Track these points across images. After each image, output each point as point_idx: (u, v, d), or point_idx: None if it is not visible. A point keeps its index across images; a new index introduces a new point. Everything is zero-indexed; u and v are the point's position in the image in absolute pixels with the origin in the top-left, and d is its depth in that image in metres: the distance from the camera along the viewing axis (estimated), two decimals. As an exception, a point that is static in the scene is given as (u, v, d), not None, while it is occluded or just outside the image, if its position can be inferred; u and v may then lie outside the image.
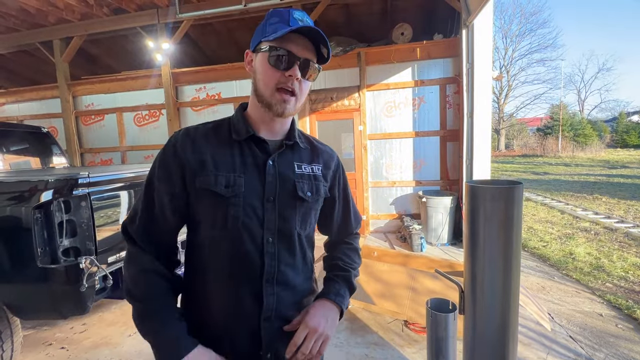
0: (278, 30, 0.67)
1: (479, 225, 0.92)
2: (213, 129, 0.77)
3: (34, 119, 6.23)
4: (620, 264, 3.67)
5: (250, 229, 0.70)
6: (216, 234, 0.71)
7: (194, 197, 0.72)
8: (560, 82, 31.26)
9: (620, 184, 9.45)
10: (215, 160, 0.72)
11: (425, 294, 2.37)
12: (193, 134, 0.74)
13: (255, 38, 0.74)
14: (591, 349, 2.20)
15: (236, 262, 0.70)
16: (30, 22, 5.29)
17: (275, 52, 0.68)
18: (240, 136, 0.74)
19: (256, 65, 0.72)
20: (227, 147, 0.74)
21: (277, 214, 0.73)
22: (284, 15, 0.70)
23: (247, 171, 0.72)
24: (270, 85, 0.70)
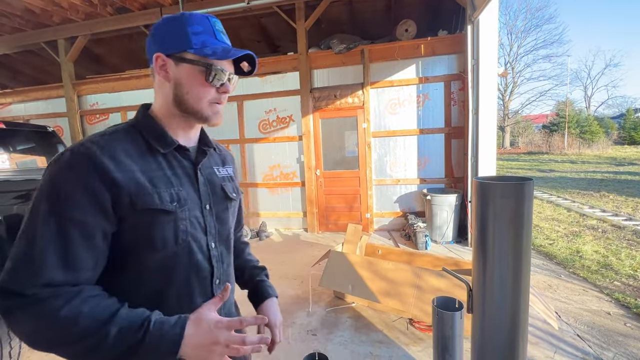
0: (207, 43, 0.69)
1: (488, 222, 0.91)
2: (126, 141, 0.67)
3: (39, 118, 6.28)
4: (628, 262, 3.62)
5: (197, 239, 0.71)
6: (168, 252, 0.67)
7: (133, 222, 0.63)
8: (566, 78, 30.89)
9: (628, 181, 9.32)
10: (148, 177, 0.66)
11: (430, 292, 2.36)
12: (108, 149, 0.63)
13: (168, 41, 0.69)
14: (599, 348, 2.18)
15: (190, 274, 0.71)
16: (35, 22, 5.32)
17: (212, 70, 0.69)
18: (165, 148, 0.70)
19: (181, 76, 0.69)
20: (152, 161, 0.68)
21: (215, 218, 0.76)
22: (206, 24, 0.70)
23: (182, 183, 0.71)
24: (205, 100, 0.71)
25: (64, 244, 0.58)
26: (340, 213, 5.23)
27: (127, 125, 0.71)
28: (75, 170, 0.59)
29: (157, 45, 0.70)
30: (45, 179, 0.60)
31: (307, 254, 4.25)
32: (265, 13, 5.35)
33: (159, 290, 0.68)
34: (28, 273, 0.56)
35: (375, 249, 3.37)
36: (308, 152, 5.08)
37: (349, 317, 2.66)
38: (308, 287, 3.19)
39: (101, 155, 0.61)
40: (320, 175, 5.20)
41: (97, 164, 0.60)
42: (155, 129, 0.71)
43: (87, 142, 0.62)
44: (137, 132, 0.70)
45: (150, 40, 0.72)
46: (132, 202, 0.62)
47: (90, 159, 0.60)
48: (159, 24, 0.71)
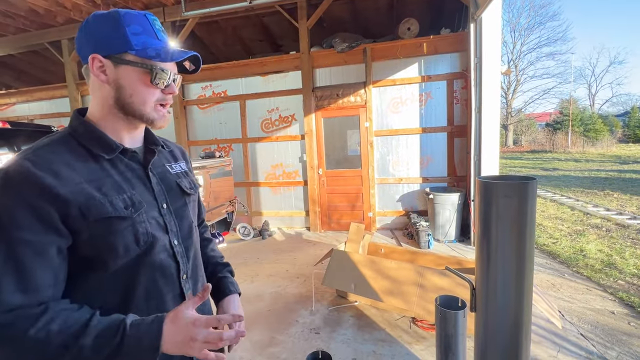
0: (149, 44, 0.66)
1: (491, 222, 0.91)
2: (64, 151, 0.64)
3: (43, 118, 6.33)
4: (633, 261, 3.61)
5: (158, 239, 0.71)
6: (131, 256, 0.66)
7: (89, 233, 0.62)
8: (570, 76, 30.66)
9: (633, 179, 9.25)
10: (96, 186, 0.64)
11: (433, 291, 2.36)
12: (43, 163, 0.60)
13: (105, 42, 0.66)
14: (603, 347, 2.17)
15: (155, 273, 0.71)
16: (39, 22, 5.35)
17: (156, 71, 0.67)
18: (110, 153, 0.68)
19: (122, 78, 0.66)
20: (97, 168, 0.66)
21: (174, 216, 0.76)
22: (145, 24, 0.67)
23: (133, 186, 0.70)
24: (150, 102, 0.69)
25: (18, 267, 0.56)
26: (342, 212, 5.23)
27: (62, 135, 0.67)
28: (13, 191, 0.57)
29: (92, 45, 0.66)
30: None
31: (309, 252, 4.26)
32: (268, 12, 5.36)
33: (126, 293, 0.67)
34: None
35: (378, 248, 3.37)
36: (310, 151, 5.09)
37: (351, 316, 2.67)
38: (311, 285, 3.20)
39: (37, 171, 0.58)
40: (322, 174, 5.21)
41: (33, 181, 0.57)
42: (95, 135, 0.68)
43: (19, 160, 0.59)
44: (75, 140, 0.67)
45: (82, 38, 0.68)
46: (83, 214, 0.61)
47: (26, 177, 0.57)
48: (91, 22, 0.67)
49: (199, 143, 5.67)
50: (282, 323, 2.61)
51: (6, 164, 0.59)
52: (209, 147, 5.50)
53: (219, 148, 5.53)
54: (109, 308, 0.64)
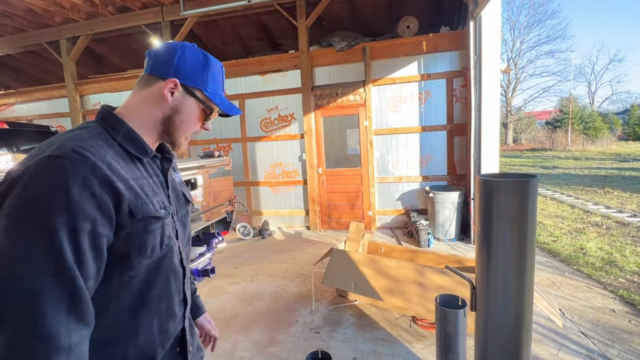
0: (217, 92, 0.78)
1: (492, 220, 0.90)
2: (108, 146, 0.65)
3: (42, 118, 6.31)
4: (633, 258, 3.60)
5: (175, 244, 0.75)
6: (154, 257, 0.68)
7: (128, 230, 0.62)
8: (569, 74, 30.63)
9: (633, 177, 9.25)
10: (139, 185, 0.66)
11: (433, 289, 2.35)
12: (99, 155, 0.60)
13: (189, 73, 0.73)
14: (604, 345, 2.17)
15: (169, 276, 0.74)
16: (37, 22, 5.34)
17: (212, 115, 0.78)
18: (145, 156, 0.72)
19: (183, 106, 0.74)
20: (134, 168, 0.69)
21: (181, 223, 0.81)
22: (220, 76, 0.79)
23: (159, 190, 0.74)
24: (189, 132, 0.78)
25: (81, 258, 0.55)
26: (342, 211, 5.22)
27: (98, 130, 0.67)
28: (80, 179, 0.55)
29: (179, 70, 0.73)
30: (36, 190, 0.53)
31: (309, 252, 4.25)
32: (266, 11, 5.34)
33: (143, 293, 0.68)
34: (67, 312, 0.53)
35: (378, 247, 3.36)
36: (310, 151, 5.08)
37: (351, 315, 2.67)
38: (311, 285, 3.19)
39: (98, 162, 0.58)
40: (322, 174, 5.20)
41: (97, 172, 0.57)
42: (133, 136, 0.71)
43: (77, 148, 0.57)
44: (111, 137, 0.68)
45: (172, 58, 0.73)
46: (131, 211, 0.62)
47: (92, 167, 0.57)
48: (188, 51, 0.74)
49: (198, 143, 5.66)
50: (282, 322, 2.61)
51: (57, 150, 0.56)
52: (208, 147, 5.49)
53: (218, 148, 5.52)
54: (124, 308, 0.65)
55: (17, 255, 0.52)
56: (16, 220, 0.53)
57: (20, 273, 0.51)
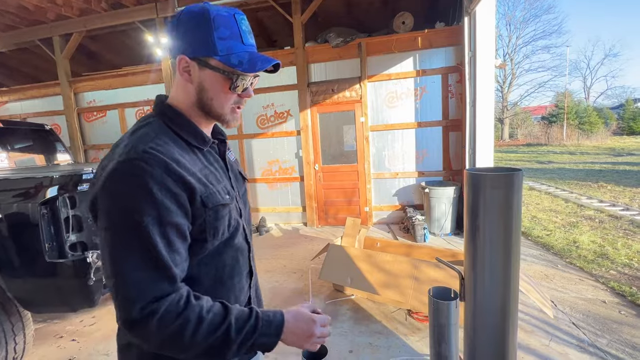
0: (233, 49, 0.67)
1: (479, 212, 0.92)
2: (172, 142, 0.68)
3: (36, 116, 6.27)
4: (624, 251, 3.66)
5: (239, 224, 0.77)
6: (221, 242, 0.72)
7: (202, 219, 0.67)
8: (565, 69, 30.74)
9: (626, 171, 9.35)
10: (204, 175, 0.69)
11: (428, 283, 2.39)
12: (167, 153, 0.64)
13: (192, 44, 0.67)
14: (594, 335, 2.22)
15: (237, 254, 0.77)
16: (29, 19, 5.28)
17: (236, 79, 0.69)
18: (204, 145, 0.74)
19: (205, 81, 0.69)
20: (197, 159, 0.71)
21: (243, 202, 0.83)
22: (233, 27, 0.67)
23: (222, 176, 0.76)
24: (227, 106, 0.72)
25: (170, 247, 0.61)
26: (339, 207, 5.25)
27: (159, 125, 0.69)
28: (158, 179, 0.60)
29: (181, 45, 0.68)
30: (124, 191, 0.59)
31: (306, 247, 4.28)
32: (262, 7, 5.31)
33: (217, 273, 0.74)
34: (161, 280, 0.60)
35: (374, 242, 3.40)
36: (306, 147, 5.09)
37: (348, 309, 2.70)
38: (308, 280, 3.22)
39: (169, 160, 0.62)
40: (318, 170, 5.22)
41: (170, 169, 0.62)
42: (191, 128, 0.72)
43: (148, 149, 0.62)
44: (172, 130, 0.70)
45: (173, 36, 0.70)
46: (203, 201, 0.66)
47: (165, 166, 0.61)
48: (182, 20, 0.67)
49: (195, 140, 5.65)
50: (279, 317, 2.63)
51: (131, 153, 0.61)
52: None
53: (215, 145, 5.51)
54: (204, 287, 0.70)
55: (121, 255, 0.59)
56: (112, 225, 0.60)
57: (129, 268, 0.59)
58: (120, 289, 0.59)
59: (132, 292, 0.58)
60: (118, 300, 0.59)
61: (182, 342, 0.60)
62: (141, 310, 0.58)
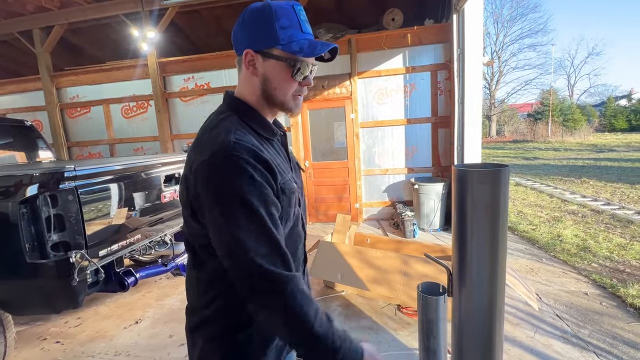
0: (294, 37, 0.70)
1: (466, 208, 0.93)
2: (247, 133, 0.72)
3: (17, 112, 6.05)
4: (605, 244, 3.78)
5: (299, 212, 0.82)
6: (288, 228, 0.76)
7: (282, 203, 0.72)
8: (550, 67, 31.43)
9: (607, 167, 9.65)
10: (276, 163, 0.73)
11: (417, 278, 2.42)
12: (250, 142, 0.69)
13: (257, 37, 0.71)
14: (576, 326, 2.29)
15: (297, 240, 0.82)
16: (7, 10, 5.07)
17: (298, 66, 0.72)
18: (273, 136, 0.78)
19: (268, 72, 0.73)
20: (268, 149, 0.75)
21: (301, 192, 0.86)
22: (292, 17, 0.71)
23: (287, 166, 0.80)
24: (290, 93, 0.76)
25: (275, 224, 0.66)
26: (329, 204, 5.26)
27: (234, 119, 0.73)
28: (250, 164, 0.64)
29: (247, 40, 0.72)
30: (227, 177, 0.63)
31: (297, 245, 4.27)
32: (251, 1, 5.23)
33: None
34: (279, 254, 0.65)
35: (364, 238, 3.41)
36: (296, 144, 5.07)
37: (338, 305, 2.71)
38: (298, 277, 3.22)
39: (256, 149, 0.67)
40: (309, 167, 5.20)
41: (258, 156, 0.66)
42: (261, 119, 0.76)
43: (236, 140, 0.66)
44: (245, 123, 0.73)
45: (238, 33, 0.74)
46: (282, 188, 0.71)
47: (254, 154, 0.66)
48: (247, 18, 0.72)
49: (183, 137, 5.56)
50: (270, 315, 2.63)
51: (223, 144, 0.65)
52: (192, 141, 5.40)
53: (204, 141, 5.43)
54: None
55: (238, 229, 0.63)
56: (226, 210, 0.63)
57: (248, 247, 0.62)
58: (249, 263, 0.62)
59: (263, 268, 0.62)
60: (248, 272, 0.63)
61: (307, 321, 0.63)
62: (276, 272, 0.62)
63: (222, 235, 0.64)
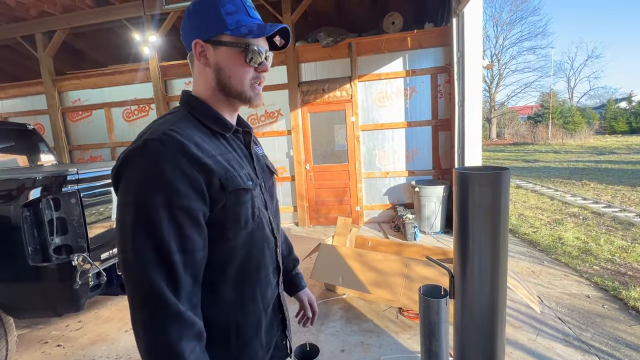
0: (242, 22, 0.69)
1: (468, 210, 0.94)
2: (194, 127, 0.69)
3: (19, 116, 6.08)
4: (607, 247, 3.78)
5: (265, 215, 0.76)
6: (249, 229, 0.71)
7: (223, 203, 0.66)
8: (550, 70, 31.50)
9: (608, 169, 9.64)
10: (226, 159, 0.69)
11: (418, 281, 2.42)
12: (188, 136, 0.64)
13: (203, 26, 0.69)
14: (579, 329, 2.28)
15: (264, 246, 0.76)
16: (9, 15, 5.11)
17: (250, 50, 0.69)
18: (227, 131, 0.74)
19: (220, 60, 0.70)
20: (220, 144, 0.71)
21: (269, 194, 0.82)
22: (237, 3, 0.70)
23: (245, 163, 0.75)
24: (246, 81, 0.72)
25: (182, 232, 0.61)
26: (330, 206, 5.26)
27: (183, 113, 0.71)
28: (169, 159, 0.60)
29: (194, 31, 0.70)
30: (137, 171, 0.60)
31: (298, 247, 4.24)
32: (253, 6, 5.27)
33: (243, 264, 0.72)
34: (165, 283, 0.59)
35: (365, 241, 3.41)
36: (297, 147, 5.08)
37: (340, 308, 2.71)
38: (299, 280, 3.21)
39: (186, 142, 0.62)
40: (310, 170, 5.21)
41: (186, 150, 0.61)
42: (213, 114, 0.72)
43: (166, 131, 0.62)
44: (195, 118, 0.71)
45: (187, 26, 0.72)
46: (223, 184, 0.65)
47: (180, 147, 0.61)
48: (192, 9, 0.70)
49: (184, 140, 5.57)
50: (271, 318, 2.62)
51: (151, 134, 0.62)
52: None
53: (205, 144, 5.44)
54: (230, 280, 0.70)
55: (128, 232, 0.59)
56: (124, 202, 0.60)
57: (132, 247, 0.59)
58: (130, 267, 0.60)
59: (139, 272, 0.59)
60: (126, 276, 0.60)
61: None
62: (145, 297, 0.59)
63: (117, 227, 0.62)
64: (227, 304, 0.71)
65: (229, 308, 0.71)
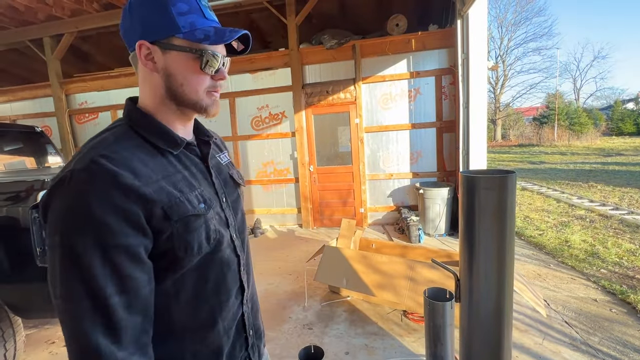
0: (197, 25, 0.61)
1: (474, 214, 0.94)
2: (134, 147, 0.60)
3: (27, 118, 6.17)
4: (614, 250, 3.73)
5: (224, 235, 0.69)
6: (201, 256, 0.64)
7: (169, 233, 0.59)
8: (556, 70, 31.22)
9: (615, 171, 9.52)
10: (171, 183, 0.61)
11: (423, 283, 2.41)
12: (123, 161, 0.56)
13: (150, 25, 0.60)
14: (586, 334, 2.25)
15: (223, 268, 0.70)
16: (19, 19, 5.20)
17: (206, 56, 0.62)
18: (176, 148, 0.65)
19: (170, 65, 0.62)
20: (166, 164, 0.63)
21: (231, 209, 0.74)
22: (191, 1, 0.61)
23: (199, 181, 0.67)
24: (202, 90, 0.65)
25: (120, 273, 0.54)
26: (334, 208, 5.26)
27: (123, 129, 0.62)
28: (99, 192, 0.52)
29: (138, 30, 0.61)
30: (62, 208, 0.53)
31: (302, 249, 4.27)
32: (256, 9, 5.31)
33: (198, 289, 0.66)
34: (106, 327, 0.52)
35: (369, 243, 3.41)
36: (301, 148, 5.09)
37: (344, 311, 2.70)
38: (303, 282, 3.22)
39: (120, 171, 0.54)
40: (313, 171, 5.22)
41: (118, 181, 0.53)
42: (158, 129, 0.64)
43: (96, 158, 0.54)
44: (137, 134, 0.62)
45: (127, 23, 0.62)
46: (166, 213, 0.58)
47: (111, 178, 0.53)
48: (134, 3, 0.61)
49: (189, 142, 5.61)
50: (275, 320, 2.63)
51: (79, 162, 0.54)
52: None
53: (209, 146, 5.48)
54: (184, 306, 0.64)
55: (57, 277, 0.53)
56: (52, 243, 0.53)
57: (62, 293, 0.53)
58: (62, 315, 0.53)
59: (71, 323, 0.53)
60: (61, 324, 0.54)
61: None
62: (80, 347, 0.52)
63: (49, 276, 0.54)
64: (182, 333, 0.65)
65: (185, 338, 0.65)
